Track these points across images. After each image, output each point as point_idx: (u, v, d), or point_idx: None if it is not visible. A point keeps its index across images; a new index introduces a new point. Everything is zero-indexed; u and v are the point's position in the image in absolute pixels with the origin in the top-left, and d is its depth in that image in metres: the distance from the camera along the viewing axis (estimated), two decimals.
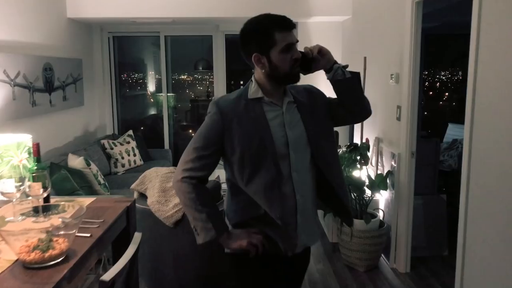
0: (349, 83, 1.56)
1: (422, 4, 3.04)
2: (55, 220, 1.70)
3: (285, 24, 1.48)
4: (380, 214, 3.54)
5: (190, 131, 6.60)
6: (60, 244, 1.41)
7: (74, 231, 1.49)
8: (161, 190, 2.76)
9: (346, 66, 1.58)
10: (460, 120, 6.19)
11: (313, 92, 1.68)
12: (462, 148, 4.77)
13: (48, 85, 4.08)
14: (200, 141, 1.54)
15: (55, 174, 3.44)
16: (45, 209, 1.78)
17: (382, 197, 3.60)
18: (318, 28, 5.10)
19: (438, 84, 6.63)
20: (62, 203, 1.73)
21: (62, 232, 1.50)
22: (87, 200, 2.01)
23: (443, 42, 6.17)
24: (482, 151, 2.27)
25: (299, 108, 1.59)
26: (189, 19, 4.99)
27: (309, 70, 1.54)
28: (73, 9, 4.60)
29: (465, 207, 2.44)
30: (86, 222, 1.70)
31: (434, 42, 6.20)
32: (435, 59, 6.49)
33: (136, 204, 2.86)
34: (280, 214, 1.51)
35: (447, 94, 6.66)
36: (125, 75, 6.32)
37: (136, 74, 6.47)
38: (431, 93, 6.86)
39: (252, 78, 1.60)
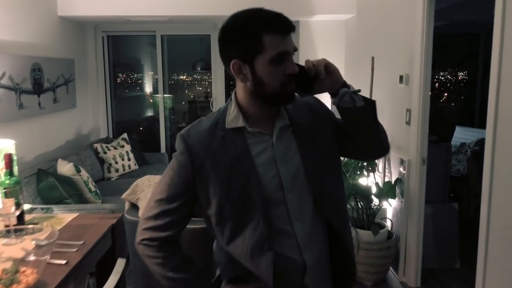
0: (360, 114, 1.17)
1: (435, 0, 2.84)
2: (28, 242, 1.49)
3: (278, 25, 1.08)
4: (388, 224, 3.33)
5: None
6: (27, 277, 1.20)
7: (45, 258, 1.29)
8: None
9: (358, 90, 1.18)
10: (465, 122, 6.04)
11: (317, 111, 1.28)
12: (471, 152, 4.60)
13: (37, 86, 3.87)
14: (163, 191, 1.19)
15: (42, 182, 3.24)
16: (18, 228, 1.58)
17: (390, 206, 3.39)
18: (320, 27, 4.90)
19: (437, 84, 6.43)
20: (38, 226, 1.51)
21: (32, 258, 1.29)
22: (68, 216, 1.80)
23: (445, 42, 5.97)
24: (506, 156, 2.06)
25: (297, 133, 1.20)
26: (185, 18, 4.78)
27: (309, 91, 1.17)
28: (64, 6, 4.39)
29: (487, 217, 2.23)
30: (63, 245, 1.50)
31: (434, 42, 6.01)
32: (434, 59, 6.31)
33: (127, 216, 2.66)
34: (278, 284, 1.15)
35: (446, 94, 6.47)
36: (121, 76, 6.12)
37: (132, 75, 6.27)
38: (430, 93, 6.68)
39: (232, 97, 1.21)
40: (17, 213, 1.57)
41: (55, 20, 4.37)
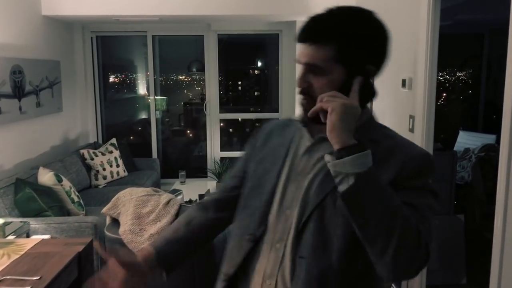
0: (347, 200, 0.85)
1: None
2: None
3: (300, 32, 0.95)
4: None
5: (183, 136, 6.18)
6: None
7: None
8: (135, 216, 2.34)
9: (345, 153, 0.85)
10: (468, 126, 5.85)
11: (385, 158, 0.93)
12: (475, 159, 4.40)
13: (18, 90, 3.65)
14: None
15: (19, 193, 3.03)
16: None
17: None
18: None
19: (441, 88, 6.24)
20: None
21: None
22: (29, 242, 1.59)
23: (448, 42, 5.78)
24: None
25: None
26: (177, 18, 4.57)
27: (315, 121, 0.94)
28: (49, 6, 4.18)
29: (502, 231, 2.02)
30: (16, 281, 1.28)
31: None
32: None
33: (107, 232, 2.45)
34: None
35: (446, 95, 6.27)
36: (117, 77, 5.90)
37: (125, 76, 6.06)
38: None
39: None
40: None
41: (39, 20, 4.15)
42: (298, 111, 3.70)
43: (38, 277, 1.31)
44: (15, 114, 3.61)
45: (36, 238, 1.68)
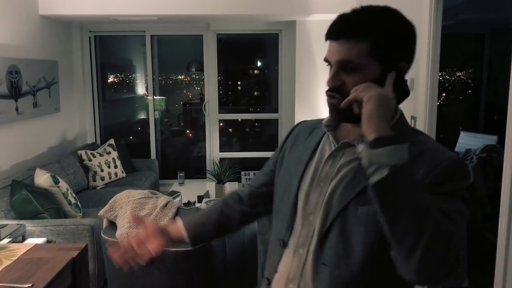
0: (379, 192, 0.80)
1: None
2: None
3: (330, 30, 0.94)
4: None
5: (182, 136, 6.14)
6: None
7: None
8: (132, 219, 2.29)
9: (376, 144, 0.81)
10: (469, 126, 5.82)
11: (423, 165, 0.88)
12: (477, 160, 4.36)
13: (14, 90, 3.61)
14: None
15: (15, 195, 2.99)
16: None
17: None
18: (318, 28, 4.65)
19: (440, 88, 6.20)
20: None
21: None
22: (22, 248, 1.55)
23: (449, 42, 5.75)
24: None
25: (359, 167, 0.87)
26: (176, 17, 4.53)
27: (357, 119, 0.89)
28: (46, 5, 4.14)
29: (506, 233, 1.99)
30: None
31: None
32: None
33: (103, 236, 2.41)
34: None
35: (445, 95, 6.25)
36: (111, 78, 5.86)
37: (124, 76, 6.01)
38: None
39: None
40: None
41: (36, 19, 4.11)
42: (297, 111, 3.68)
43: (30, 285, 1.27)
44: (11, 115, 3.57)
45: (30, 243, 1.64)
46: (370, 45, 0.90)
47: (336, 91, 0.94)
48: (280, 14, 4.36)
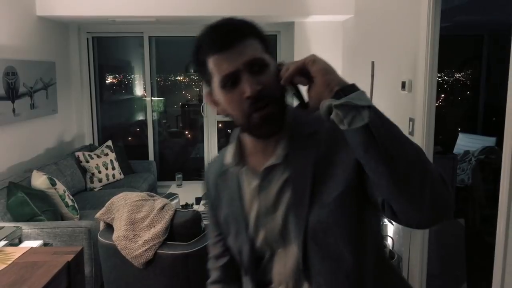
0: (353, 141, 0.76)
1: (441, 0, 2.59)
2: None
3: (217, 42, 0.85)
4: (389, 243, 3.08)
5: (180, 138, 6.12)
6: None
7: None
8: (129, 222, 2.28)
9: (352, 90, 0.77)
10: (468, 128, 5.81)
11: (338, 140, 0.84)
12: (475, 162, 4.35)
13: (11, 91, 3.59)
14: (209, 219, 1.12)
15: (12, 197, 2.97)
16: None
17: (392, 224, 3.13)
18: (316, 29, 4.64)
19: (439, 89, 6.20)
20: None
21: None
22: (18, 251, 1.53)
23: (448, 43, 5.75)
24: None
25: (293, 174, 0.89)
26: (173, 18, 4.52)
27: (303, 106, 0.85)
28: (43, 6, 4.12)
29: (504, 235, 1.98)
30: None
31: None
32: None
33: (101, 238, 2.40)
34: None
35: (444, 96, 6.24)
36: (109, 79, 5.84)
37: (122, 77, 6.00)
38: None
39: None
40: None
41: (33, 21, 4.09)
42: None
43: None
44: (8, 116, 3.55)
45: (25, 246, 1.62)
46: (260, 41, 0.88)
47: (262, 96, 0.84)
48: (278, 16, 4.35)
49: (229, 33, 0.84)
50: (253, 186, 0.94)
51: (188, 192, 4.22)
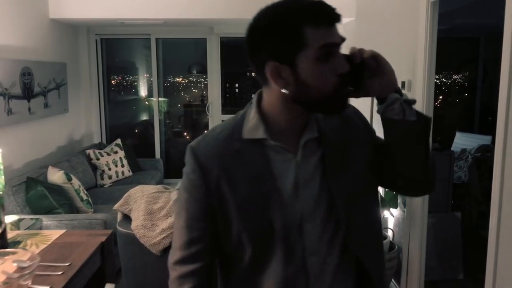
0: (409, 130, 0.94)
1: (438, 3, 2.75)
2: (9, 264, 1.38)
3: (320, 14, 0.87)
4: (390, 234, 3.23)
5: (184, 137, 6.28)
6: None
7: (27, 283, 1.17)
8: (146, 212, 2.44)
9: (413, 101, 0.95)
10: (465, 127, 5.96)
11: (354, 123, 1.04)
12: (472, 159, 4.51)
13: (27, 91, 3.74)
14: (182, 217, 1.00)
15: (31, 191, 3.12)
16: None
17: (392, 216, 3.29)
18: None
19: (437, 90, 6.36)
20: (19, 249, 1.40)
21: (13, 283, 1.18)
22: (55, 233, 1.69)
23: (446, 46, 5.91)
24: None
25: (325, 147, 0.98)
26: (181, 21, 4.68)
27: (355, 87, 0.94)
28: (56, 9, 4.27)
29: (496, 229, 2.13)
30: (48, 267, 1.38)
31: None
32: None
33: (119, 228, 2.55)
34: None
35: (442, 98, 6.40)
36: (115, 79, 5.99)
37: (127, 78, 6.15)
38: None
39: (253, 101, 1.00)
40: None
41: (47, 23, 4.25)
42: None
43: (68, 264, 1.41)
44: (24, 115, 3.70)
45: (60, 230, 1.77)
46: None
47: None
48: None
49: (334, 11, 0.89)
50: (287, 160, 0.96)
51: None
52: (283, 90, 0.91)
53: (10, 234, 1.66)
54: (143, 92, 6.05)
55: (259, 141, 0.95)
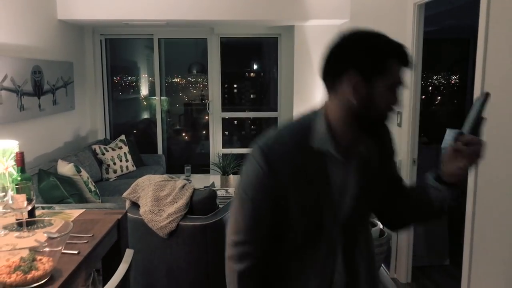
0: (444, 208, 1.17)
1: (424, 6, 2.96)
2: (40, 235, 1.58)
3: (405, 57, 1.07)
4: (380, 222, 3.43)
5: (185, 135, 6.48)
6: (44, 264, 1.29)
7: (60, 248, 1.37)
8: (154, 199, 2.64)
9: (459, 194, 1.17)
10: (456, 125, 6.14)
11: (386, 142, 1.26)
12: None
13: (37, 88, 3.95)
14: (249, 206, 1.12)
15: (43, 182, 3.32)
16: (29, 222, 1.66)
17: None
18: (314, 32, 5.02)
19: (430, 88, 6.58)
20: (47, 218, 1.60)
21: (47, 249, 1.38)
22: (75, 212, 1.89)
23: (437, 46, 6.12)
24: (490, 156, 2.17)
25: (364, 163, 1.17)
26: (183, 22, 4.89)
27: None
28: (64, 10, 4.48)
29: (471, 216, 2.34)
30: (74, 237, 1.58)
31: (427, 46, 6.13)
32: (426, 64, 6.44)
33: (128, 214, 2.75)
34: None
35: (439, 98, 6.62)
36: (118, 78, 6.19)
37: (129, 77, 6.35)
38: (423, 97, 6.81)
39: (320, 112, 1.13)
40: (29, 208, 1.66)
41: (55, 24, 4.46)
42: (296, 109, 4.09)
43: (91, 235, 1.62)
44: (35, 111, 3.91)
45: (79, 210, 1.97)
46: None
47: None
48: (279, 20, 4.72)
49: (411, 59, 1.10)
50: (339, 168, 1.12)
51: (197, 183, 4.55)
52: (352, 100, 1.05)
53: (35, 214, 1.85)
54: (144, 91, 6.25)
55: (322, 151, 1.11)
